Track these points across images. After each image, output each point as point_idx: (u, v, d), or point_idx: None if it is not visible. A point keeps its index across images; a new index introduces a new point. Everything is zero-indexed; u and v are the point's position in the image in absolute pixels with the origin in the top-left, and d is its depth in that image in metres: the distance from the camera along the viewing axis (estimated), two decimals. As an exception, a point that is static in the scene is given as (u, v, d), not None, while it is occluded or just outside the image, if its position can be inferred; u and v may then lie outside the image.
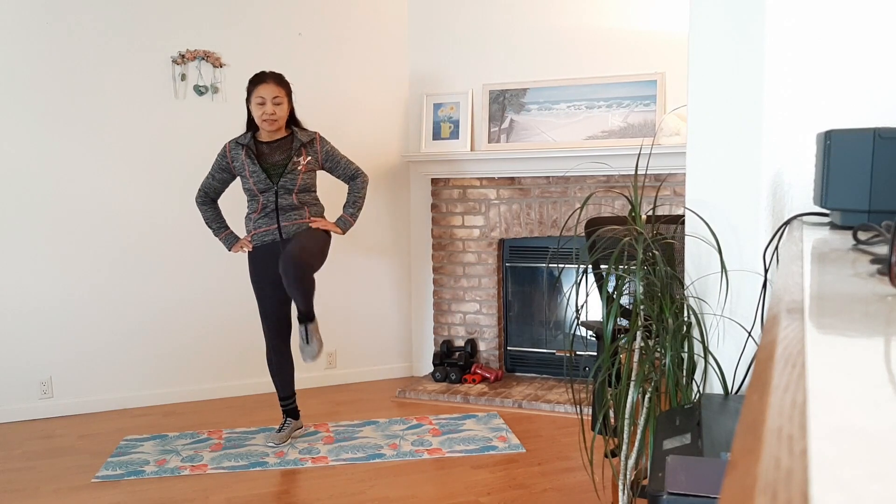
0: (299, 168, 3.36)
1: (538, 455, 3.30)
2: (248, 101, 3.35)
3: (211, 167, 3.43)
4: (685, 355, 1.96)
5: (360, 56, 4.44)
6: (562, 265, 4.41)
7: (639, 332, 1.98)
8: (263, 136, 3.39)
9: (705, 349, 1.92)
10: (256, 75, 3.35)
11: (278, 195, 3.35)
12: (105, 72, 3.93)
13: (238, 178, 3.43)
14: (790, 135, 1.75)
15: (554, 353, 4.47)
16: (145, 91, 4.02)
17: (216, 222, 3.48)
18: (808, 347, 0.49)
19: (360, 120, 4.45)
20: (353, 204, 3.51)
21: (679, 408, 1.71)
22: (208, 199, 3.47)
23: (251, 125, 3.40)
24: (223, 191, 3.49)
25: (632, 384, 1.98)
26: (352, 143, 4.40)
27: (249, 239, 3.42)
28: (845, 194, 1.29)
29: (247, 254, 3.48)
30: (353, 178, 3.53)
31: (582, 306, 2.24)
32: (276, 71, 3.39)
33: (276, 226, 3.39)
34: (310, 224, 3.41)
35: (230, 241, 3.46)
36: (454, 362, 4.38)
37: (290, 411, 3.56)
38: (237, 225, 3.82)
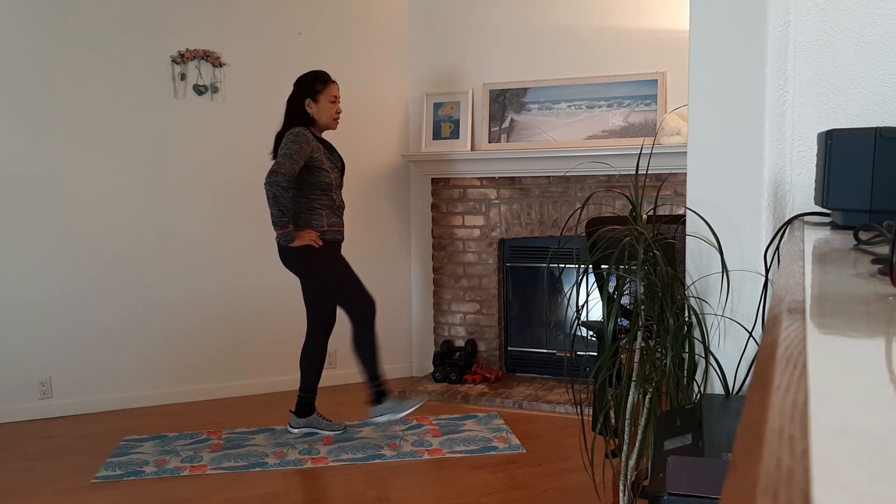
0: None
1: (538, 456, 3.30)
2: (313, 98, 3.33)
3: (293, 152, 3.18)
4: (686, 355, 1.95)
5: (360, 55, 4.44)
6: (562, 265, 4.41)
7: (639, 333, 1.98)
8: (318, 134, 3.42)
9: (706, 349, 1.92)
10: (321, 75, 3.37)
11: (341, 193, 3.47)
12: (104, 71, 3.93)
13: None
14: (791, 134, 1.75)
15: (554, 354, 4.47)
16: (144, 90, 4.02)
17: (290, 213, 3.21)
18: (810, 347, 0.49)
19: (361, 119, 4.44)
20: None
21: (680, 408, 1.71)
22: (289, 185, 3.19)
23: (302, 122, 3.34)
24: None
25: (632, 384, 1.98)
26: (352, 142, 4.40)
27: (319, 234, 3.31)
28: (846, 194, 1.29)
29: (302, 248, 3.28)
30: None
31: (582, 306, 2.23)
32: (274, 71, 3.40)
33: (343, 227, 3.45)
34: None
35: (294, 235, 3.25)
36: (454, 362, 4.38)
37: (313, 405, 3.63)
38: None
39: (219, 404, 4.14)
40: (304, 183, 3.29)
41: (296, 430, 3.59)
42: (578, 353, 4.31)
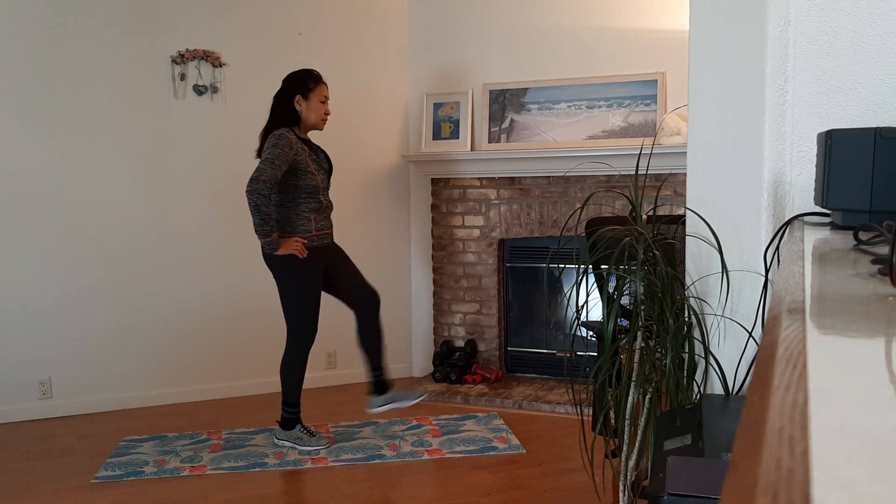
0: None
1: (538, 456, 3.30)
2: (304, 97, 3.23)
3: (275, 157, 3.07)
4: (686, 356, 1.95)
5: (360, 56, 4.44)
6: (562, 265, 4.41)
7: (639, 333, 1.98)
8: (303, 134, 3.30)
9: (706, 349, 1.92)
10: (313, 73, 3.28)
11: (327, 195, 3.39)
12: (104, 71, 3.93)
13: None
14: (791, 134, 1.75)
15: (554, 354, 4.47)
16: (144, 91, 4.02)
17: (272, 221, 3.11)
18: (810, 348, 0.49)
19: (360, 119, 4.45)
20: None
21: (680, 408, 1.71)
22: (270, 192, 3.09)
23: (290, 122, 3.23)
24: None
25: (632, 385, 1.98)
26: (352, 142, 4.40)
27: (305, 242, 3.21)
28: (846, 194, 1.29)
29: (289, 256, 3.19)
30: None
31: (582, 307, 2.23)
32: (274, 71, 3.39)
33: (331, 229, 3.38)
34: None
35: (278, 243, 3.15)
36: (454, 363, 4.38)
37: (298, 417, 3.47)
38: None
39: (219, 404, 4.14)
40: (290, 187, 3.18)
41: (279, 443, 3.43)
42: (578, 353, 4.31)
